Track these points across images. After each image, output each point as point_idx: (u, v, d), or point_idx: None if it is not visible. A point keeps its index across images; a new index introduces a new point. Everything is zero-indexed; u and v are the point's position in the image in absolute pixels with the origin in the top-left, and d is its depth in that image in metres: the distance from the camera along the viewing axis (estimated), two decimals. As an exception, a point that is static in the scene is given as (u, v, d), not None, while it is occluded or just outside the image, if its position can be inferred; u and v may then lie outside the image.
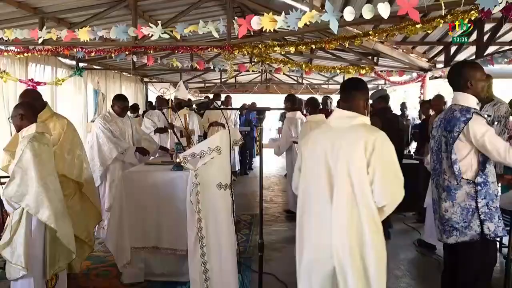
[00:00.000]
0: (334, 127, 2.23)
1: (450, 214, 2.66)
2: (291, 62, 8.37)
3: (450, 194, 2.66)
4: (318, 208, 2.17)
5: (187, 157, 2.68)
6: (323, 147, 2.17)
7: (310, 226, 2.21)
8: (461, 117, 2.57)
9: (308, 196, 2.24)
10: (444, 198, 2.69)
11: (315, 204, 2.19)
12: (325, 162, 2.15)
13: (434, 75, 8.34)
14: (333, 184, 2.11)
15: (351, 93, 2.25)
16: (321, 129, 2.30)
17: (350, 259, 2.04)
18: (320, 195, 2.16)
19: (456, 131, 2.58)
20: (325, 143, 2.17)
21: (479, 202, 2.59)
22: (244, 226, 5.65)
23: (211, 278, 2.73)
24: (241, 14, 6.74)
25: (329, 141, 2.16)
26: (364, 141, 2.04)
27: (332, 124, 2.26)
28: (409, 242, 5.06)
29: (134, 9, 4.86)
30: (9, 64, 6.10)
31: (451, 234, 2.67)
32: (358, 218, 2.05)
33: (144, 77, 12.22)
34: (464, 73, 2.68)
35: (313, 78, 12.63)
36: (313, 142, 2.26)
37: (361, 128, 2.14)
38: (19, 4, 4.63)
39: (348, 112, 2.21)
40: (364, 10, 3.19)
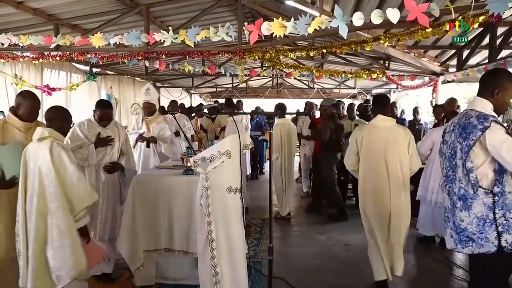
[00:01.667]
0: (380, 126, 3.61)
1: (466, 224, 2.55)
2: (302, 66, 8.39)
3: (466, 203, 2.54)
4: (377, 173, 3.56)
5: (198, 161, 2.71)
6: (378, 138, 3.56)
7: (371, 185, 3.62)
8: (478, 125, 2.44)
9: (369, 167, 3.62)
10: (460, 208, 2.58)
11: (375, 171, 3.57)
12: (382, 147, 3.54)
13: (447, 79, 8.27)
14: (387, 160, 3.53)
15: (386, 106, 3.73)
16: (370, 128, 3.66)
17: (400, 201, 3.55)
18: (379, 165, 3.55)
19: (472, 139, 2.45)
20: (379, 135, 3.57)
21: (497, 213, 2.47)
22: (255, 230, 5.66)
23: (221, 281, 2.75)
24: (251, 20, 6.78)
25: (382, 134, 3.57)
26: (404, 135, 3.59)
27: (379, 125, 3.63)
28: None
29: (146, 15, 4.94)
30: (25, 70, 6.24)
31: (467, 244, 2.56)
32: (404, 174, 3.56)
33: (156, 82, 12.34)
34: (495, 80, 2.55)
35: (324, 82, 12.61)
36: (368, 136, 3.61)
37: (398, 127, 3.67)
38: (35, 11, 4.75)
39: (387, 117, 3.65)
40: (373, 15, 3.20)
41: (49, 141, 2.80)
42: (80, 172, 2.91)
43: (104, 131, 3.91)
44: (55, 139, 2.84)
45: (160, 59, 7.18)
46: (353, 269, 4.37)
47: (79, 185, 2.84)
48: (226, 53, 6.06)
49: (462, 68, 6.96)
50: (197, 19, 5.05)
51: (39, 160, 2.75)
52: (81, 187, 2.85)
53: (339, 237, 5.39)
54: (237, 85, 13.18)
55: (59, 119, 2.99)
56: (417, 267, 4.53)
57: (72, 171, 2.80)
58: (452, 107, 5.35)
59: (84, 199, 2.87)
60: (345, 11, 3.47)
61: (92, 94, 8.23)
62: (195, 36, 4.22)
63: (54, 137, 2.86)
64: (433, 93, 8.28)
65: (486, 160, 2.49)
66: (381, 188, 3.54)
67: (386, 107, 3.71)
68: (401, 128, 3.66)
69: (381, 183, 3.54)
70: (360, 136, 3.65)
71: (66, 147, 2.89)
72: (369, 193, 3.61)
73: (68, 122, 3.10)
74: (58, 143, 2.82)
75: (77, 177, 2.83)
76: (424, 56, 7.74)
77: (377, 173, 3.55)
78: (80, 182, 2.85)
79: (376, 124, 3.63)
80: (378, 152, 3.54)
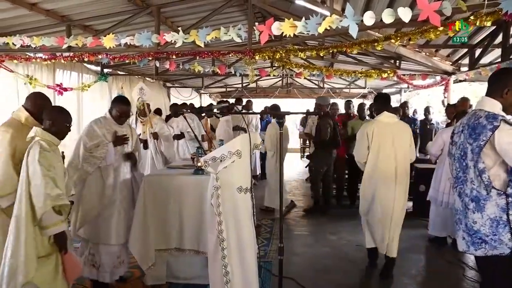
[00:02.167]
0: (387, 122, 4.05)
1: (479, 226, 2.51)
2: (312, 66, 8.36)
3: (479, 204, 2.50)
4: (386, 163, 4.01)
5: (208, 161, 2.72)
6: (386, 132, 4.01)
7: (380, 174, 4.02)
8: (488, 125, 2.42)
9: (380, 159, 4.02)
10: (472, 209, 2.54)
11: (385, 161, 4.01)
12: (390, 140, 3.99)
13: (458, 78, 8.18)
14: (396, 151, 3.99)
15: (389, 103, 4.24)
16: (378, 123, 4.06)
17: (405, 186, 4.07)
18: (389, 156, 4.00)
19: (483, 140, 2.43)
20: (386, 130, 4.01)
21: (510, 215, 2.43)
22: (265, 230, 5.66)
23: (232, 281, 2.75)
24: (261, 20, 6.78)
25: (388, 129, 4.02)
26: (406, 129, 4.13)
27: (385, 121, 4.05)
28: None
29: (157, 16, 4.97)
30: (37, 71, 6.32)
31: (480, 246, 2.52)
32: (407, 165, 4.07)
33: (167, 82, 12.39)
34: (504, 79, 2.53)
35: (334, 82, 12.55)
36: (377, 130, 4.02)
37: (400, 122, 4.26)
38: (48, 12, 4.80)
39: (391, 114, 4.12)
40: (385, 14, 3.17)
41: (34, 141, 2.73)
42: (53, 177, 2.67)
43: (120, 129, 3.78)
44: (43, 139, 2.75)
45: (171, 59, 7.21)
46: (364, 270, 4.35)
47: (40, 190, 2.60)
48: (236, 53, 6.06)
49: (474, 67, 6.87)
50: (207, 19, 5.07)
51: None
52: (41, 193, 2.60)
53: (350, 238, 5.37)
54: (246, 85, 13.18)
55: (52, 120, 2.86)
56: (428, 268, 4.50)
57: (39, 174, 2.61)
58: (464, 106, 5.29)
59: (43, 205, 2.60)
60: (356, 10, 3.45)
61: (103, 95, 8.30)
62: (206, 36, 4.23)
63: (42, 137, 2.76)
64: (445, 93, 8.20)
65: (498, 161, 2.46)
66: (390, 176, 3.98)
67: (389, 105, 4.24)
68: (403, 124, 4.23)
69: (390, 172, 3.98)
70: (370, 131, 4.02)
71: (47, 148, 2.72)
72: (377, 181, 4.02)
73: (60, 121, 2.91)
74: (40, 144, 2.70)
75: (44, 182, 2.61)
76: (435, 55, 7.67)
77: (387, 163, 3.99)
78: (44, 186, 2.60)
79: (383, 120, 4.05)
80: (387, 145, 3.99)
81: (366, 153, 4.07)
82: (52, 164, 2.70)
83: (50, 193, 2.61)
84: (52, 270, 2.73)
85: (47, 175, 2.63)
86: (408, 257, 4.68)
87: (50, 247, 2.73)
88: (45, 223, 2.64)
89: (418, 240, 5.29)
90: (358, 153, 4.16)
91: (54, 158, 2.77)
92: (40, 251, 2.66)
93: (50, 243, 2.73)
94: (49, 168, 2.66)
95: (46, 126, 2.85)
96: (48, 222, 2.64)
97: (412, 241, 5.25)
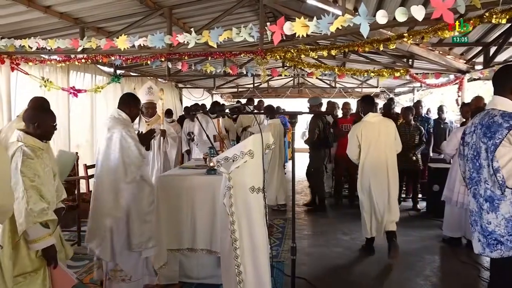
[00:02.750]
0: (373, 121, 4.58)
1: (493, 227, 2.47)
2: (323, 66, 8.33)
3: (493, 204, 2.47)
4: (377, 157, 4.53)
5: (221, 161, 2.72)
6: (374, 130, 4.54)
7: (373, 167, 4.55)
8: (504, 123, 2.39)
9: (371, 154, 4.54)
10: (487, 209, 2.50)
11: (376, 156, 4.53)
12: (377, 137, 4.53)
13: (473, 77, 8.06)
14: (384, 145, 4.53)
15: (374, 106, 4.88)
16: (366, 124, 4.59)
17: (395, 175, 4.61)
18: (379, 151, 4.52)
19: (499, 138, 2.39)
20: (373, 128, 4.55)
21: None
22: (277, 230, 5.66)
23: (244, 281, 2.75)
24: (273, 19, 6.78)
25: (375, 127, 4.56)
26: (390, 124, 4.66)
27: (371, 120, 4.59)
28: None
29: (169, 17, 5.00)
30: (52, 73, 6.41)
31: (495, 248, 2.47)
32: (395, 156, 4.63)
33: (179, 83, 12.46)
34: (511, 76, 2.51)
35: (346, 81, 12.48)
36: (366, 129, 4.55)
37: (385, 119, 4.75)
38: (61, 15, 4.86)
39: (375, 113, 4.75)
40: (398, 13, 3.15)
41: (16, 146, 2.54)
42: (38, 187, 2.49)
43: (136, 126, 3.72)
44: (26, 145, 2.56)
45: (183, 60, 7.25)
46: (377, 270, 4.32)
47: (21, 205, 2.38)
48: (248, 53, 6.07)
49: (489, 66, 6.76)
50: (218, 20, 5.08)
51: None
52: (22, 209, 2.38)
53: (363, 238, 5.32)
54: (258, 85, 13.18)
55: (35, 121, 2.66)
56: (443, 268, 4.45)
57: (21, 187, 2.41)
58: (478, 104, 5.22)
59: (24, 221, 2.38)
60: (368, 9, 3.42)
61: (116, 96, 8.36)
62: (218, 37, 4.25)
63: (25, 143, 2.57)
64: (459, 91, 8.09)
65: None
66: (382, 168, 4.51)
67: (374, 106, 4.85)
68: (387, 120, 4.75)
69: (381, 164, 4.50)
70: (359, 131, 4.57)
71: (30, 155, 2.51)
72: (371, 173, 4.54)
73: (46, 122, 2.71)
74: (23, 150, 2.51)
75: (26, 195, 2.40)
76: (449, 54, 7.57)
77: (378, 157, 4.52)
78: (26, 201, 2.40)
79: (370, 120, 4.60)
80: (376, 141, 4.52)
81: (358, 151, 4.64)
82: (36, 173, 2.50)
83: (33, 208, 2.40)
84: (40, 284, 2.56)
85: (31, 187, 2.44)
86: (422, 257, 4.64)
87: (38, 261, 2.56)
88: (32, 237, 2.46)
89: (432, 241, 5.23)
90: (350, 152, 4.75)
91: (39, 165, 2.57)
92: (27, 266, 2.51)
93: (38, 257, 2.56)
94: (33, 178, 2.46)
95: (30, 129, 2.65)
96: (34, 236, 2.46)
97: (426, 241, 5.21)
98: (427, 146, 7.13)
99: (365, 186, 4.63)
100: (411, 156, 6.58)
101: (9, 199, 2.04)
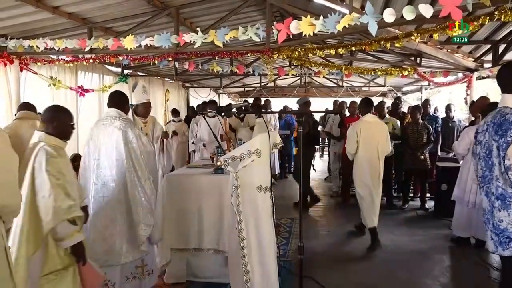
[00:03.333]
0: (370, 121, 5.15)
1: (505, 224, 2.47)
2: (330, 64, 8.30)
3: (505, 202, 2.47)
4: (372, 152, 5.06)
5: (228, 160, 2.73)
6: (370, 130, 5.08)
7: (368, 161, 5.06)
8: None
9: (367, 149, 5.06)
10: (498, 207, 2.50)
11: (371, 151, 5.05)
12: (372, 135, 5.07)
13: (482, 75, 7.98)
14: (377, 143, 5.05)
15: (372, 107, 5.39)
16: (364, 123, 5.14)
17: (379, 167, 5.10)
18: (373, 147, 5.05)
19: (510, 136, 2.40)
20: (370, 128, 5.10)
21: None
22: (284, 229, 5.65)
23: (252, 280, 2.76)
24: (280, 18, 6.76)
25: (372, 127, 5.12)
26: (383, 126, 5.24)
27: (369, 120, 5.16)
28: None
29: (176, 17, 5.01)
30: (60, 73, 6.46)
31: (508, 246, 2.48)
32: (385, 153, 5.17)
33: (186, 83, 12.49)
34: None
35: (353, 80, 12.43)
36: (364, 127, 5.09)
37: (379, 121, 5.36)
38: (70, 15, 4.89)
39: (373, 115, 5.32)
40: (405, 11, 3.12)
41: (38, 146, 2.56)
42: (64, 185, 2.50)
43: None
44: (48, 145, 2.58)
45: (190, 60, 7.26)
46: (385, 270, 4.30)
47: (49, 203, 2.41)
48: (255, 52, 6.07)
49: (498, 64, 6.69)
50: (225, 19, 5.09)
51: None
52: (50, 207, 2.41)
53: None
54: (265, 84, 13.17)
55: (53, 121, 2.70)
56: (451, 268, 4.42)
57: (48, 185, 2.43)
58: (483, 104, 5.13)
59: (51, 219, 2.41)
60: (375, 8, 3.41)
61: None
62: (224, 36, 4.25)
63: (47, 143, 2.59)
64: (468, 90, 8.02)
65: None
66: (375, 162, 5.06)
67: (372, 108, 5.36)
68: (381, 122, 5.42)
69: (375, 158, 5.06)
70: (359, 129, 5.12)
71: (54, 154, 2.55)
72: (366, 166, 5.06)
73: (65, 122, 2.77)
74: (46, 150, 2.53)
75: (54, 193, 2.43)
76: (457, 52, 7.50)
77: (372, 152, 5.07)
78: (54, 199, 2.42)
79: (368, 120, 5.17)
80: (372, 139, 5.08)
81: (355, 146, 5.13)
82: (61, 171, 2.53)
83: (61, 205, 2.44)
84: (70, 282, 2.59)
85: (57, 185, 2.46)
86: (431, 257, 4.61)
87: (68, 258, 2.59)
88: (61, 235, 2.50)
89: (440, 240, 5.20)
90: (349, 146, 5.23)
91: (63, 163, 2.61)
92: (57, 264, 2.54)
93: (67, 254, 2.59)
94: (58, 177, 2.49)
95: (49, 129, 2.67)
96: (63, 233, 2.50)
97: (434, 241, 5.17)
98: (435, 145, 7.08)
99: (363, 179, 5.09)
100: (419, 155, 6.54)
101: (16, 199, 2.06)
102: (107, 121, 3.36)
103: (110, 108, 3.46)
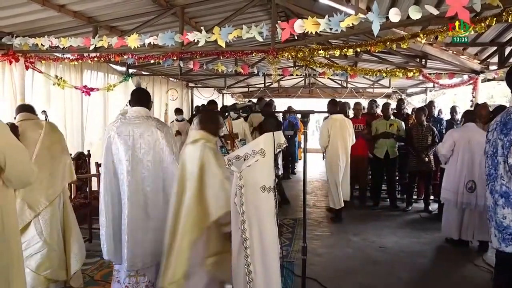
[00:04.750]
0: (338, 119, 6.21)
1: (508, 221, 2.50)
2: (335, 65, 8.28)
3: (509, 200, 2.50)
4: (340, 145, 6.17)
5: (232, 160, 2.72)
6: (338, 126, 6.20)
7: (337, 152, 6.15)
8: None
9: (336, 143, 6.13)
10: (502, 205, 2.54)
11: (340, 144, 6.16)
12: (340, 130, 6.18)
13: (487, 77, 7.95)
14: (344, 137, 6.20)
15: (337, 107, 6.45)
16: (333, 120, 6.19)
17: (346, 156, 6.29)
18: (341, 141, 6.17)
19: None
20: (338, 124, 6.19)
21: None
22: (287, 230, 5.64)
23: (254, 280, 2.75)
24: (285, 19, 6.75)
25: (339, 123, 6.21)
26: (348, 123, 6.45)
27: (337, 118, 6.21)
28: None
29: (181, 17, 5.01)
30: (66, 71, 6.48)
31: (510, 242, 2.51)
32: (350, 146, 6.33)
33: (190, 82, 12.50)
34: None
35: (358, 82, 12.40)
36: (333, 125, 6.16)
37: (345, 119, 6.50)
38: (75, 14, 4.90)
39: (339, 114, 6.37)
40: (411, 10, 3.10)
41: (200, 143, 2.94)
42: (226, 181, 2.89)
43: None
44: (207, 141, 2.96)
45: (194, 60, 7.27)
46: (387, 271, 4.29)
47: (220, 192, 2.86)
48: (260, 52, 6.06)
49: (504, 66, 6.66)
50: (230, 19, 5.08)
51: (194, 161, 2.89)
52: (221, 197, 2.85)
53: (373, 239, 5.30)
54: (269, 84, 13.16)
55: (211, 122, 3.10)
56: (454, 271, 4.40)
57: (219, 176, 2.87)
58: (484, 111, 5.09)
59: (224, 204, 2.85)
60: (381, 9, 3.39)
61: (128, 94, 8.41)
62: (227, 35, 4.24)
63: (206, 139, 2.97)
64: (473, 92, 7.98)
65: None
66: (343, 152, 6.15)
67: (337, 108, 6.35)
68: (347, 119, 6.48)
69: (343, 150, 6.15)
70: (329, 125, 6.18)
71: (215, 150, 2.98)
72: (336, 156, 6.13)
73: (218, 124, 3.18)
74: (208, 146, 2.93)
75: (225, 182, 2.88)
76: (463, 54, 7.47)
77: (341, 145, 6.14)
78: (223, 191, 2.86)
79: (336, 118, 6.21)
80: (339, 134, 6.14)
81: (327, 140, 6.17)
82: (222, 165, 2.89)
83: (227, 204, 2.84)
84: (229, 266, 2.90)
85: (227, 178, 2.89)
86: (433, 259, 4.59)
87: (229, 243, 2.87)
88: (225, 220, 2.85)
89: (443, 243, 5.17)
90: (322, 140, 6.29)
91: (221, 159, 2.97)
92: (218, 247, 2.95)
93: (226, 238, 2.91)
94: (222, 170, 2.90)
95: (212, 130, 3.05)
96: (228, 219, 2.83)
97: (438, 243, 5.16)
98: (439, 147, 7.05)
99: (333, 167, 6.17)
100: (423, 157, 6.51)
101: (33, 176, 2.35)
102: (137, 120, 3.32)
103: (137, 107, 3.40)
